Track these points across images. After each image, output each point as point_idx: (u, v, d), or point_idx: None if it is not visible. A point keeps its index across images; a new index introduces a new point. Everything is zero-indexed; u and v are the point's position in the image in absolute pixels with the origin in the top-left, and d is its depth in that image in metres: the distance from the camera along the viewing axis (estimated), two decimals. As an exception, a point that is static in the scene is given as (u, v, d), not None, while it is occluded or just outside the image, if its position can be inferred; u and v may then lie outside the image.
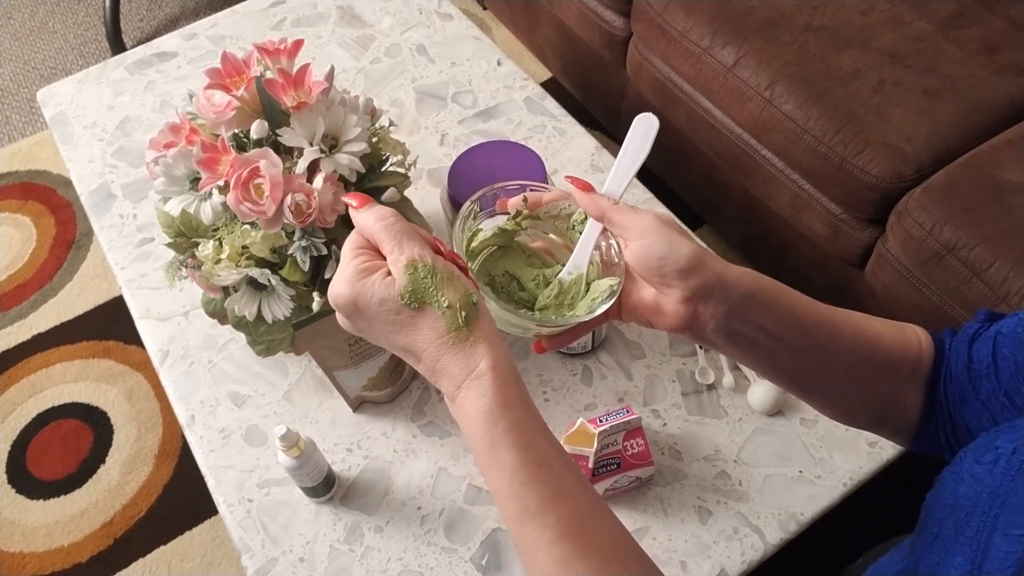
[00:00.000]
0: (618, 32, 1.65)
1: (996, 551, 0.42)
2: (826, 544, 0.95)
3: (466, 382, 0.47)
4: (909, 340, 0.58)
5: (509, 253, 0.61)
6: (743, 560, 0.86)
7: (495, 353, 0.47)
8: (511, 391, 0.47)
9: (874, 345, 0.57)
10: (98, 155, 1.26)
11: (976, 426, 0.56)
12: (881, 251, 1.31)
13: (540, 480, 0.46)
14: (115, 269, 1.14)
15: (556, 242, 0.61)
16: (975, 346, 0.56)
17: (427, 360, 0.48)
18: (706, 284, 0.52)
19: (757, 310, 0.54)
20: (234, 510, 0.91)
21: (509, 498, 0.46)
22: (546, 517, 0.46)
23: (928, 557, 0.48)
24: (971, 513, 0.45)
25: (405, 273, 0.47)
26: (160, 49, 1.41)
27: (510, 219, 0.59)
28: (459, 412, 0.48)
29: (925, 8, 1.40)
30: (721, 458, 0.92)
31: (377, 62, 1.37)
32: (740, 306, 0.53)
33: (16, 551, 1.47)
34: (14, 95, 2.24)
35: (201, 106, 0.82)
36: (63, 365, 1.68)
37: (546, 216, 0.60)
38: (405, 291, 0.46)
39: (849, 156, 1.27)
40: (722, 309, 0.52)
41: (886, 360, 0.57)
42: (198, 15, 2.39)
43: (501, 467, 0.46)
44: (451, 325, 0.47)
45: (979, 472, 0.47)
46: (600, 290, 0.56)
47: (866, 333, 0.57)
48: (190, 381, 1.01)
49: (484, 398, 0.46)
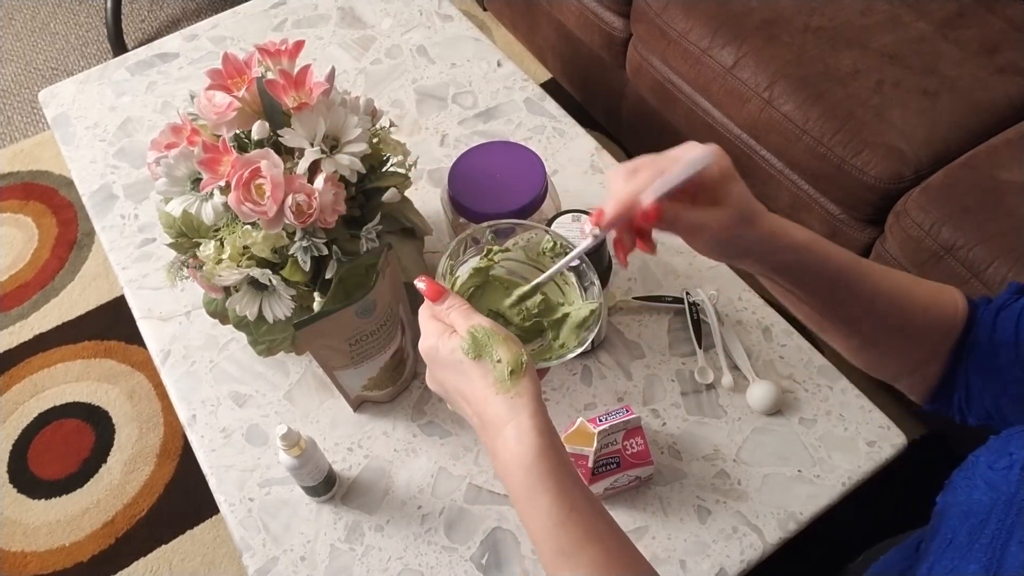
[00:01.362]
0: (618, 33, 1.65)
1: (1012, 559, 0.42)
2: (825, 543, 0.95)
3: (506, 430, 0.52)
4: (945, 309, 0.59)
5: (487, 289, 0.64)
6: (742, 559, 0.86)
7: (535, 407, 0.53)
8: (547, 441, 0.52)
9: (909, 318, 0.59)
10: (100, 156, 1.27)
11: (988, 397, 0.57)
12: (880, 251, 1.31)
13: (573, 523, 0.51)
14: (117, 269, 1.14)
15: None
16: (1001, 316, 0.57)
17: (475, 405, 0.54)
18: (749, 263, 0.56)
19: (795, 278, 0.57)
20: (235, 509, 0.92)
21: (545, 540, 0.51)
22: (579, 557, 0.50)
23: (941, 562, 0.48)
24: (986, 520, 0.45)
25: (468, 331, 0.55)
26: (161, 50, 1.41)
27: (482, 256, 0.63)
28: (499, 458, 0.53)
29: (924, 9, 1.40)
30: (720, 457, 0.93)
31: (378, 63, 1.37)
32: (777, 275, 0.57)
33: (18, 550, 1.47)
34: (16, 96, 2.25)
35: (202, 107, 0.83)
36: (65, 365, 1.68)
37: (515, 247, 0.64)
38: (466, 342, 0.54)
39: (848, 156, 1.27)
40: (760, 270, 0.57)
41: (918, 329, 0.59)
42: (199, 16, 2.40)
43: (538, 510, 0.51)
44: (499, 377, 0.53)
45: (994, 479, 0.47)
46: (583, 316, 0.60)
47: (903, 304, 0.59)
48: (191, 381, 1.02)
49: (522, 445, 0.52)
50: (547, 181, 1.01)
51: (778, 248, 0.55)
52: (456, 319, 0.56)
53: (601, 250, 0.90)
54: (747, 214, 0.53)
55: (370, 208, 0.88)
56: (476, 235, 0.63)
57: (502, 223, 0.63)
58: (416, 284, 0.58)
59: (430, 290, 0.57)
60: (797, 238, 0.55)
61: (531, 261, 0.65)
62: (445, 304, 0.57)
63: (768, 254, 0.56)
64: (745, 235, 0.54)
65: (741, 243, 0.54)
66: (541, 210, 1.01)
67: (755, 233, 0.54)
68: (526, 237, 0.64)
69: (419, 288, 0.58)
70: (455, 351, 0.54)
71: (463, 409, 0.57)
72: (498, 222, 0.63)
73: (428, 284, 0.58)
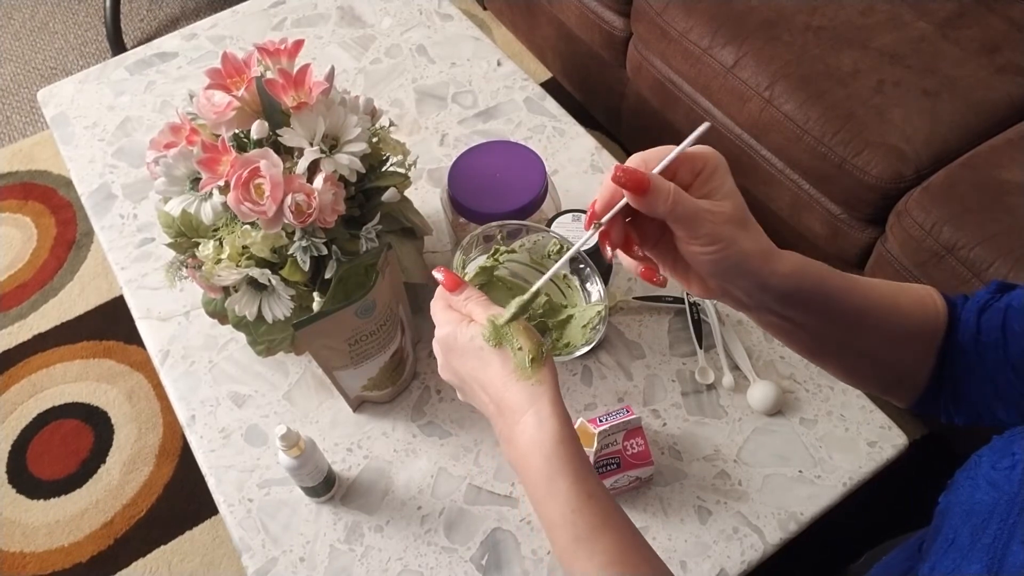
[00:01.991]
0: (618, 32, 1.65)
1: (1014, 559, 0.42)
2: (826, 544, 0.95)
3: (525, 417, 0.53)
4: (928, 312, 0.58)
5: (490, 289, 0.64)
6: (743, 560, 0.86)
7: (554, 395, 0.53)
8: (566, 430, 0.53)
9: (898, 328, 0.57)
10: (99, 155, 1.27)
11: (977, 398, 0.56)
12: (881, 251, 1.31)
13: (590, 510, 0.51)
14: (115, 269, 1.14)
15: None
16: (984, 316, 0.56)
17: (493, 392, 0.54)
18: (745, 284, 0.52)
19: (790, 305, 0.53)
20: (234, 510, 0.91)
21: (562, 527, 0.51)
22: (595, 544, 0.50)
23: (943, 563, 0.47)
24: (988, 520, 0.45)
25: (488, 320, 0.55)
26: (160, 49, 1.41)
27: (488, 256, 0.64)
28: (516, 446, 0.53)
29: (925, 8, 1.40)
30: (721, 458, 0.93)
31: (377, 62, 1.37)
32: (774, 302, 0.53)
33: (16, 551, 1.47)
34: (15, 95, 2.24)
35: (201, 106, 0.82)
36: (63, 365, 1.68)
37: (521, 249, 0.64)
38: (487, 330, 0.54)
39: (849, 156, 1.27)
40: (755, 298, 0.53)
41: (907, 337, 0.57)
42: (198, 15, 2.40)
43: (556, 496, 0.51)
44: (520, 364, 0.53)
45: (996, 478, 0.47)
46: (589, 316, 0.61)
47: (891, 317, 0.57)
48: (190, 381, 1.01)
49: (543, 432, 0.52)
50: (547, 181, 1.00)
51: (775, 264, 0.51)
52: (474, 309, 0.56)
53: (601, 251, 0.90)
54: (741, 213, 0.50)
55: (370, 208, 0.87)
56: (488, 233, 0.63)
57: (512, 223, 0.63)
58: (434, 274, 0.58)
59: (448, 281, 0.57)
60: (791, 256, 0.52)
61: (535, 264, 0.65)
62: (463, 295, 0.57)
63: (766, 275, 0.51)
64: (740, 240, 0.49)
65: (738, 251, 0.49)
66: (541, 210, 1.00)
67: (750, 240, 0.50)
68: (532, 240, 0.64)
69: (437, 278, 0.58)
70: (475, 338, 0.54)
71: (479, 397, 0.56)
72: (508, 222, 0.63)
73: (447, 275, 0.58)
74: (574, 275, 0.64)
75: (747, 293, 0.52)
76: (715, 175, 0.51)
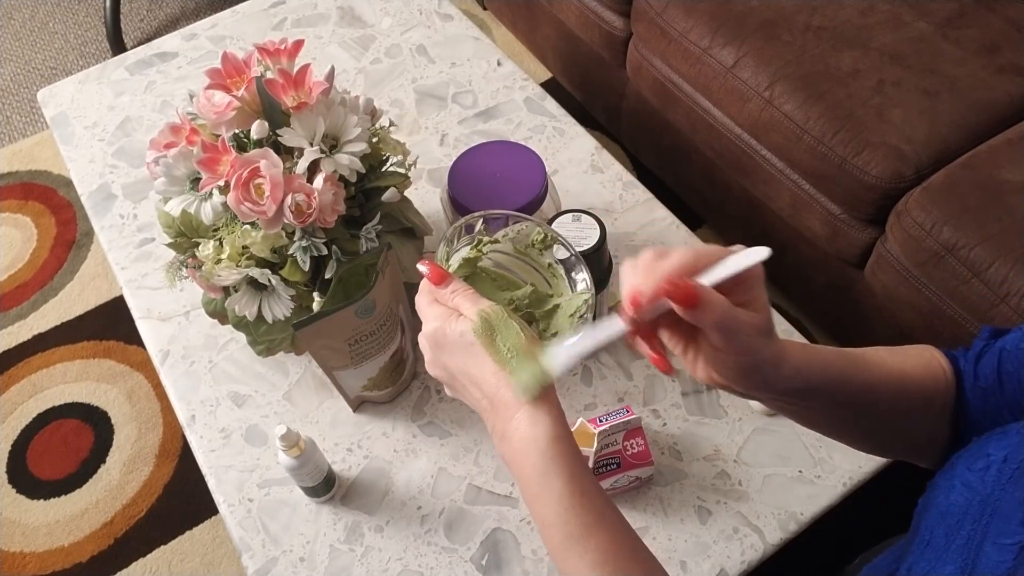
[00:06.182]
0: (618, 32, 1.65)
1: (987, 560, 0.42)
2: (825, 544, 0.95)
3: (519, 413, 0.52)
4: (937, 378, 0.57)
5: (475, 281, 0.63)
6: (743, 560, 0.86)
7: (549, 392, 0.53)
8: (561, 427, 0.52)
9: (910, 400, 0.56)
10: (99, 155, 1.27)
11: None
12: (881, 251, 1.31)
13: (583, 507, 0.50)
14: (116, 269, 1.14)
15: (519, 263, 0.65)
16: (980, 363, 0.56)
17: (487, 388, 0.53)
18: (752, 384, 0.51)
19: (798, 396, 0.53)
20: (234, 510, 0.91)
21: (555, 524, 0.51)
22: (587, 542, 0.50)
23: (919, 564, 0.48)
24: (962, 521, 0.45)
25: (478, 314, 0.53)
26: (160, 49, 1.41)
27: (472, 247, 0.63)
28: (510, 441, 0.53)
29: (925, 8, 1.40)
30: (721, 458, 0.93)
31: (377, 62, 1.37)
32: (780, 396, 0.53)
33: (16, 551, 1.47)
34: (15, 95, 2.24)
35: (201, 106, 0.82)
36: (64, 365, 1.68)
37: (505, 239, 0.63)
38: (477, 324, 0.53)
39: (849, 156, 1.27)
40: (761, 394, 0.52)
41: (920, 407, 0.57)
42: (198, 15, 2.39)
43: (550, 493, 0.51)
44: (522, 386, 0.52)
45: (971, 479, 0.47)
46: (576, 305, 0.60)
47: (901, 390, 0.56)
48: (190, 381, 1.01)
49: (537, 428, 0.51)
50: (547, 181, 1.01)
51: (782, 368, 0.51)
52: (462, 303, 0.55)
53: (601, 251, 0.90)
54: (771, 324, 0.50)
55: (370, 208, 0.87)
56: (471, 222, 0.62)
57: (494, 212, 0.62)
58: (419, 267, 0.57)
59: (434, 274, 0.56)
60: (794, 352, 0.52)
61: (519, 254, 0.64)
62: (449, 288, 0.55)
63: (774, 380, 0.51)
64: (763, 349, 0.49)
65: (760, 359, 0.49)
66: (541, 210, 1.00)
67: (769, 347, 0.50)
68: (516, 229, 0.63)
69: (422, 272, 0.57)
70: (465, 333, 0.53)
71: (470, 393, 0.55)
72: (490, 211, 0.62)
73: (432, 268, 0.56)
74: (559, 264, 0.63)
75: (754, 390, 0.52)
76: (756, 285, 0.50)
